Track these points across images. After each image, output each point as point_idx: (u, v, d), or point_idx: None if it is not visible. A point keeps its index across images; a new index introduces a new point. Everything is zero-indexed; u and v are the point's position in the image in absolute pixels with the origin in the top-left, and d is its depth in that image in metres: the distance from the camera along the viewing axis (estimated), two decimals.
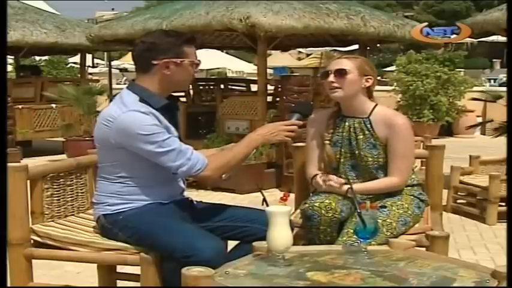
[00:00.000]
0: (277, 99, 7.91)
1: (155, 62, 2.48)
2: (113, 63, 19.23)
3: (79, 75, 12.95)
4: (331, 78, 2.77)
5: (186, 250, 2.24)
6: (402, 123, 2.77)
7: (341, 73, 2.76)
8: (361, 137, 2.79)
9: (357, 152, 2.80)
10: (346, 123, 2.84)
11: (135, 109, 2.43)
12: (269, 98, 7.86)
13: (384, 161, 2.79)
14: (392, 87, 13.17)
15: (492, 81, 22.18)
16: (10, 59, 12.13)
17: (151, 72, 2.51)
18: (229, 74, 25.22)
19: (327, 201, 2.65)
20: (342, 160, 2.85)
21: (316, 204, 2.65)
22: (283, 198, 2.06)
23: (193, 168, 2.46)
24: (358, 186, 2.73)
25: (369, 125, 2.79)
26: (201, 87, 9.44)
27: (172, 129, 2.53)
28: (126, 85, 2.74)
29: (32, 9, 10.94)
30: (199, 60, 2.59)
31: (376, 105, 2.83)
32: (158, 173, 2.51)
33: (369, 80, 2.79)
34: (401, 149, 2.75)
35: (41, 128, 9.87)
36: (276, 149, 6.87)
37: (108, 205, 2.54)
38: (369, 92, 2.84)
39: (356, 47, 9.17)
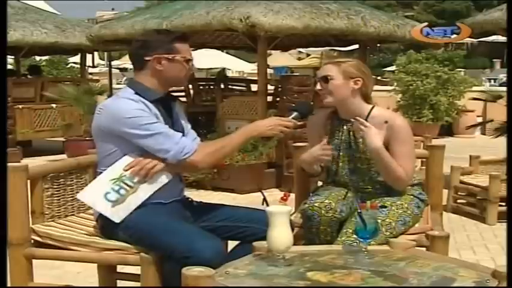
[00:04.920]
0: (277, 99, 7.91)
1: (147, 58, 2.55)
2: (113, 63, 19.22)
3: (79, 75, 12.95)
4: (318, 86, 2.81)
5: (186, 250, 2.24)
6: (401, 124, 2.77)
7: (325, 80, 2.78)
8: (361, 139, 2.79)
9: (358, 155, 2.80)
10: (345, 127, 2.84)
11: (125, 97, 2.51)
12: (269, 98, 7.87)
13: None
14: (393, 87, 13.17)
15: (492, 81, 22.16)
16: (10, 59, 12.13)
17: (145, 69, 2.57)
18: (229, 74, 25.22)
19: (326, 201, 2.66)
20: (340, 164, 2.85)
21: (316, 204, 2.65)
22: (284, 198, 2.06)
23: (182, 152, 2.48)
24: (382, 149, 2.67)
25: None
26: (201, 87, 9.45)
27: (162, 119, 2.55)
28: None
29: (32, 9, 10.95)
30: (191, 56, 2.63)
31: (373, 107, 2.82)
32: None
33: (357, 82, 2.78)
34: (402, 150, 2.74)
35: (41, 128, 9.87)
36: (276, 147, 6.86)
37: None
38: (363, 94, 2.81)
39: (356, 47, 9.18)
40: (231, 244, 2.63)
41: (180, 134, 2.53)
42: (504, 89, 10.89)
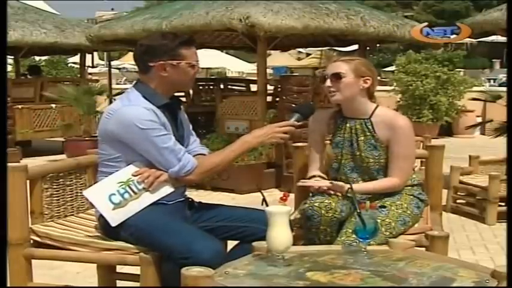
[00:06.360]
0: (277, 99, 7.90)
1: (152, 64, 2.54)
2: (113, 63, 19.21)
3: (79, 75, 12.93)
4: (328, 83, 2.79)
5: (185, 251, 2.25)
6: (404, 125, 2.77)
7: (337, 77, 2.77)
8: (362, 138, 2.79)
9: (358, 153, 2.80)
10: (348, 125, 2.84)
11: (137, 104, 2.50)
12: (269, 98, 7.86)
13: (385, 162, 2.79)
14: (392, 87, 13.17)
15: (492, 81, 22.15)
16: (10, 59, 12.12)
17: (150, 74, 2.57)
18: (229, 74, 25.21)
19: (326, 201, 2.66)
20: (342, 161, 2.85)
21: (316, 204, 2.65)
22: (283, 198, 2.06)
23: (183, 169, 2.51)
24: (357, 186, 2.73)
25: (370, 126, 2.79)
26: (200, 87, 9.44)
27: (169, 127, 2.56)
28: (125, 85, 2.77)
29: (32, 9, 10.94)
30: (197, 61, 2.61)
31: (377, 106, 2.83)
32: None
33: (367, 81, 2.79)
34: (402, 150, 2.75)
35: (41, 128, 9.87)
36: (275, 147, 6.85)
37: None
38: (369, 93, 2.83)
39: (356, 47, 9.17)
40: (231, 244, 2.63)
41: (183, 150, 2.54)
42: (504, 89, 10.90)
